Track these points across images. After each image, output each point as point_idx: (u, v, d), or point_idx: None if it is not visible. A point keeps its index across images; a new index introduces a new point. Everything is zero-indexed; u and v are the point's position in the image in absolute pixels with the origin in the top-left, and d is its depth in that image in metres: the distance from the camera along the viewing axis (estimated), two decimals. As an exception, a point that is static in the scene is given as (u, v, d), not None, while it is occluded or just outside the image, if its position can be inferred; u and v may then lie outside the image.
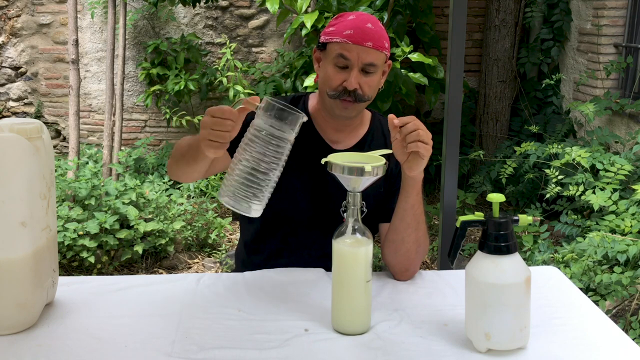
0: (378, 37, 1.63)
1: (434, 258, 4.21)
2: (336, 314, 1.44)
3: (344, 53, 1.62)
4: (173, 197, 4.33)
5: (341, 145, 1.77)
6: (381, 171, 1.38)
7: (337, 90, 1.65)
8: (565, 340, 1.40)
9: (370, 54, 1.62)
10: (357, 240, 1.40)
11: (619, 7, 4.94)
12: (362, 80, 1.64)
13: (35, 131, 1.36)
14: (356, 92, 1.64)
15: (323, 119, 1.77)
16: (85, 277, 1.82)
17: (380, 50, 1.63)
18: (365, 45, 1.61)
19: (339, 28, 1.64)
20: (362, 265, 1.39)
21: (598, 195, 3.43)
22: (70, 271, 3.70)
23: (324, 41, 1.68)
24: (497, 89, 5.52)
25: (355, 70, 1.63)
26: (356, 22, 1.64)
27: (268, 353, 1.34)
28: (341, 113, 1.68)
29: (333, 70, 1.65)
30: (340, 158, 1.40)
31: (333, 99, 1.67)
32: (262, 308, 1.52)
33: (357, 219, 1.40)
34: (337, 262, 1.41)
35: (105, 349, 1.34)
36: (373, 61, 1.63)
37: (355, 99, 1.65)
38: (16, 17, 5.60)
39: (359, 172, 1.35)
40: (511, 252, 1.32)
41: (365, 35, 1.62)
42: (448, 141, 2.05)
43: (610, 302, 2.98)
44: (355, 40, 1.61)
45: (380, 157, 1.43)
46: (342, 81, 1.64)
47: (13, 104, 5.76)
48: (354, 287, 1.40)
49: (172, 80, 5.26)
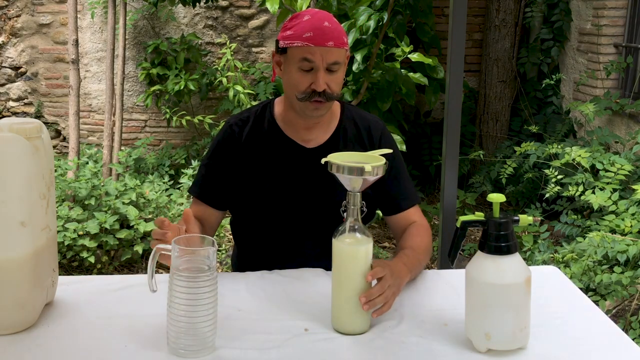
0: (337, 35, 1.64)
1: (434, 258, 4.20)
2: (336, 313, 1.43)
3: (308, 56, 1.62)
4: (173, 197, 4.33)
5: (313, 143, 1.77)
6: (381, 171, 1.38)
7: (306, 93, 1.65)
8: (565, 340, 1.40)
9: (333, 53, 1.63)
10: (357, 239, 1.40)
11: (619, 7, 4.94)
12: (329, 79, 1.65)
13: (35, 131, 1.36)
14: (325, 92, 1.64)
15: (291, 121, 1.76)
16: (85, 277, 1.82)
17: (341, 47, 1.64)
18: (327, 46, 1.62)
19: (298, 31, 1.64)
20: (362, 265, 1.40)
21: (598, 195, 3.43)
22: (70, 271, 3.70)
23: (284, 46, 1.67)
24: (497, 89, 5.52)
25: (321, 71, 1.63)
26: (313, 22, 1.63)
27: (268, 353, 1.33)
28: (312, 114, 1.69)
29: (298, 74, 1.65)
30: (340, 158, 1.40)
31: (303, 102, 1.67)
32: (262, 308, 1.52)
33: (357, 219, 1.40)
34: (337, 262, 1.41)
35: (105, 349, 1.34)
36: (337, 59, 1.64)
37: (325, 99, 1.66)
38: (16, 17, 5.60)
39: (358, 172, 1.35)
40: (511, 252, 1.32)
41: (325, 35, 1.62)
42: (448, 141, 2.05)
43: (610, 302, 2.98)
44: (316, 42, 1.61)
45: (380, 157, 1.43)
46: (309, 83, 1.64)
47: (13, 104, 5.76)
48: (354, 287, 1.40)
49: (172, 80, 5.26)
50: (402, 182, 1.81)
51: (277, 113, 1.79)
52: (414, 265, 1.63)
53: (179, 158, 5.37)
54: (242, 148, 1.76)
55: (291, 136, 1.77)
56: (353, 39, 4.07)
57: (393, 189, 1.79)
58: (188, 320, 1.28)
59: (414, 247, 1.68)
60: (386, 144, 1.80)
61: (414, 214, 1.82)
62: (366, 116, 1.85)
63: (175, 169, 5.29)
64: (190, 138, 5.70)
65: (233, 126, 1.79)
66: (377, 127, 1.82)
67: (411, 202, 1.82)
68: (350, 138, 1.79)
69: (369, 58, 4.14)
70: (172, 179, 5.02)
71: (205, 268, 1.29)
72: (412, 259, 1.62)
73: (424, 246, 1.72)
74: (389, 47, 4.52)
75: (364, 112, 1.88)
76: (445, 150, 2.06)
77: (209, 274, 1.29)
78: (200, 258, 1.30)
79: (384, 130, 1.83)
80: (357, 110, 1.86)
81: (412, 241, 1.72)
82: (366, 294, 1.39)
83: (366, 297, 1.38)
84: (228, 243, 4.30)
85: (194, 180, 1.84)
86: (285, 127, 1.78)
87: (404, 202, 1.81)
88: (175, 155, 5.41)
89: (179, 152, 5.44)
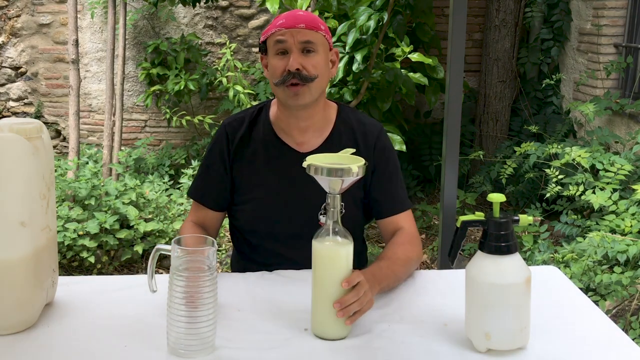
0: (310, 19, 1.67)
1: (434, 258, 4.21)
2: (315, 318, 1.40)
3: (279, 38, 1.65)
4: (173, 197, 4.33)
5: (307, 147, 1.75)
6: (361, 171, 1.35)
7: (282, 77, 1.65)
8: (565, 340, 1.40)
9: (306, 34, 1.65)
10: (337, 242, 1.37)
11: (619, 7, 4.94)
12: (303, 59, 1.65)
13: (35, 131, 1.36)
14: (300, 73, 1.64)
15: (285, 123, 1.75)
16: (85, 277, 1.82)
17: (315, 30, 1.66)
18: (298, 27, 1.64)
19: (273, 23, 1.69)
20: (343, 268, 1.37)
21: (598, 195, 3.43)
22: (70, 271, 3.70)
23: (263, 40, 1.71)
24: (497, 89, 5.52)
25: (295, 52, 1.64)
26: (287, 13, 1.69)
27: (268, 353, 1.33)
28: (295, 102, 1.67)
29: (274, 60, 1.67)
30: (319, 160, 1.38)
31: (282, 88, 1.66)
32: (262, 308, 1.52)
33: (337, 221, 1.38)
34: (317, 264, 1.38)
35: (105, 349, 1.34)
36: (309, 39, 1.65)
37: (301, 79, 1.64)
38: (16, 17, 5.60)
39: (338, 174, 1.33)
40: (511, 252, 1.32)
41: (297, 19, 1.66)
42: (448, 141, 2.05)
43: (610, 302, 2.98)
44: (287, 25, 1.65)
45: (359, 157, 1.40)
46: (284, 67, 1.65)
47: (13, 104, 5.76)
48: (334, 290, 1.37)
49: (172, 80, 5.26)
50: (394, 186, 1.79)
51: (272, 115, 1.79)
52: (386, 277, 1.57)
53: (179, 158, 5.37)
54: (234, 149, 1.76)
55: (285, 140, 1.76)
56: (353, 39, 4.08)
57: (384, 192, 1.77)
58: (188, 320, 1.28)
59: (392, 259, 1.64)
60: (381, 148, 1.78)
61: (403, 220, 1.78)
62: (363, 120, 1.81)
63: (175, 169, 5.29)
64: (190, 138, 5.70)
65: (227, 127, 1.79)
66: (373, 131, 1.79)
67: (401, 207, 1.79)
68: (344, 142, 1.75)
69: (369, 58, 4.14)
70: (172, 179, 5.02)
71: (205, 268, 1.29)
72: (385, 271, 1.58)
73: (404, 257, 1.66)
74: (389, 47, 4.52)
75: (362, 115, 1.85)
76: (445, 150, 2.06)
77: (209, 274, 1.29)
78: (200, 258, 1.30)
79: (380, 135, 1.79)
80: (355, 114, 1.83)
81: (393, 251, 1.67)
82: (340, 301, 1.36)
83: (340, 304, 1.36)
84: (228, 243, 4.30)
85: (192, 182, 1.84)
86: (279, 131, 1.76)
87: (394, 206, 1.78)
88: (175, 155, 5.41)
89: (179, 152, 5.44)
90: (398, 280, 1.64)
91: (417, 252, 1.73)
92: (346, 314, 1.36)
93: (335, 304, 1.35)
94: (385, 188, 1.77)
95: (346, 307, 1.36)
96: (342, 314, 1.36)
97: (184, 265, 1.29)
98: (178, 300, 1.28)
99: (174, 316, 1.29)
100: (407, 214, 1.80)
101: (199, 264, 1.29)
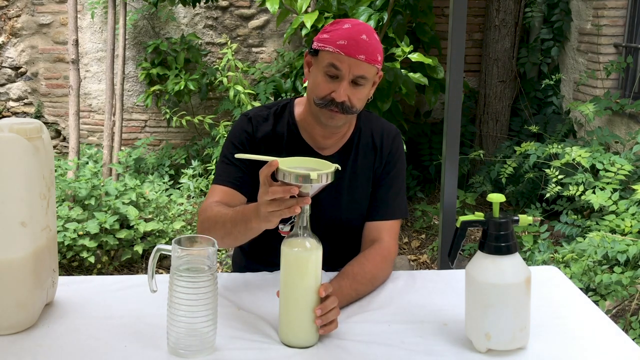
0: (372, 50, 1.60)
1: (434, 258, 4.21)
2: (283, 325, 1.38)
3: (336, 63, 1.59)
4: (173, 197, 4.33)
5: (328, 151, 1.75)
6: (330, 178, 1.32)
7: (325, 100, 1.61)
8: (565, 340, 1.40)
9: (362, 67, 1.59)
10: (306, 247, 1.35)
11: (619, 7, 4.94)
12: (351, 92, 1.61)
13: (35, 131, 1.36)
14: (344, 104, 1.61)
15: (310, 126, 1.73)
16: (85, 277, 1.82)
17: (372, 63, 1.60)
18: (358, 58, 1.58)
19: (333, 37, 1.60)
20: (312, 273, 1.34)
21: (598, 195, 3.43)
22: (70, 271, 3.70)
23: (316, 47, 1.64)
24: (497, 89, 5.52)
25: (345, 82, 1.59)
26: (351, 32, 1.59)
27: (268, 353, 1.34)
28: (327, 122, 1.65)
29: (323, 79, 1.61)
30: (288, 164, 1.34)
31: (320, 108, 1.63)
32: (262, 308, 1.52)
33: (307, 226, 1.35)
34: (285, 270, 1.36)
35: (105, 349, 1.34)
36: (364, 74, 1.60)
37: (342, 111, 1.62)
38: (16, 17, 5.60)
39: (305, 180, 1.29)
40: (511, 252, 1.32)
41: (358, 47, 1.58)
42: (448, 141, 2.05)
43: (610, 302, 2.98)
44: (348, 52, 1.57)
45: (329, 163, 1.37)
46: (330, 91, 1.61)
47: (13, 104, 5.75)
48: (302, 297, 1.34)
49: (172, 80, 5.26)
50: (391, 191, 1.77)
51: (297, 115, 1.77)
52: (346, 297, 1.52)
53: (179, 158, 5.37)
54: (256, 145, 1.73)
55: (308, 142, 1.75)
56: (353, 39, 4.06)
57: (378, 195, 1.77)
58: (188, 320, 1.28)
59: (356, 277, 1.58)
60: (393, 151, 1.78)
61: (386, 231, 1.74)
62: (382, 124, 1.81)
63: (175, 169, 5.29)
64: (190, 138, 5.70)
65: (252, 119, 1.75)
66: (389, 137, 1.79)
67: (389, 215, 1.76)
68: (362, 146, 1.76)
69: (369, 58, 4.13)
70: (172, 179, 5.02)
71: (205, 268, 1.29)
72: (346, 291, 1.53)
73: (370, 276, 1.61)
74: (389, 47, 4.52)
75: (382, 119, 1.85)
76: (445, 150, 2.06)
77: (209, 274, 1.29)
78: (200, 258, 1.30)
79: (395, 141, 1.79)
80: (375, 118, 1.83)
81: (360, 267, 1.61)
82: (322, 306, 1.34)
83: (322, 310, 1.33)
84: (228, 243, 4.30)
85: (215, 176, 1.76)
86: (303, 132, 1.75)
87: (381, 211, 1.75)
88: (175, 155, 5.41)
89: (179, 152, 5.44)
90: (358, 297, 1.59)
91: (386, 271, 1.69)
92: (324, 321, 1.34)
93: (317, 310, 1.33)
94: (382, 191, 1.77)
95: (325, 314, 1.34)
96: (321, 322, 1.34)
97: (184, 265, 1.29)
98: (178, 300, 1.28)
99: (174, 316, 1.29)
100: (392, 225, 1.76)
101: (199, 264, 1.29)
